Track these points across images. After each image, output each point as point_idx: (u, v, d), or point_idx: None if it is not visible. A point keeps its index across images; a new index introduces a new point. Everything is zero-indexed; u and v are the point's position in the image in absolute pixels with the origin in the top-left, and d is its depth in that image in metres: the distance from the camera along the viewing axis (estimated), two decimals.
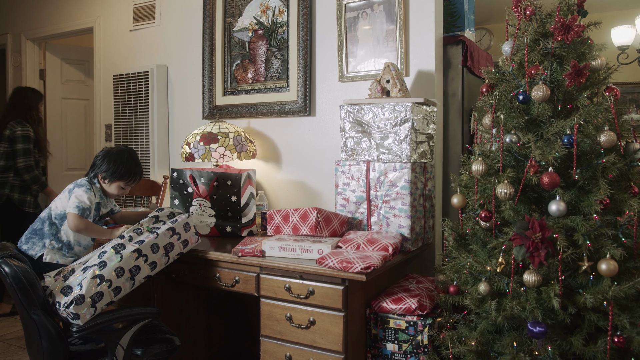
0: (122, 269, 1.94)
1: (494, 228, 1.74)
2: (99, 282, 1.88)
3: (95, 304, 1.86)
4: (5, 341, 3.36)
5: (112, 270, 1.91)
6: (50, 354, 1.88)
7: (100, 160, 2.25)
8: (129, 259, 1.96)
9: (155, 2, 3.55)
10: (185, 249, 2.18)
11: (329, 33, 2.82)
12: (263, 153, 3.07)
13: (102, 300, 1.88)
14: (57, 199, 2.22)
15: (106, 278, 1.89)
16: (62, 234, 2.14)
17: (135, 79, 3.53)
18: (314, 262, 1.97)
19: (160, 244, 2.07)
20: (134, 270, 1.97)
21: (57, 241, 2.12)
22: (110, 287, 1.90)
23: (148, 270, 2.03)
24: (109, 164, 2.22)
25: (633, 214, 1.58)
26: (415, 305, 1.95)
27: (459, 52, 2.66)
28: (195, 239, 2.21)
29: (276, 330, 2.04)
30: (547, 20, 1.74)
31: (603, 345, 1.55)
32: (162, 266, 2.09)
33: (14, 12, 4.61)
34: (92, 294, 1.85)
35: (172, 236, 2.11)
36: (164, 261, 2.09)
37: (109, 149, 2.29)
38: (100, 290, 1.87)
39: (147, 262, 2.02)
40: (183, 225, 2.17)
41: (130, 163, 2.26)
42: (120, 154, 2.26)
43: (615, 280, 1.53)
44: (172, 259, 2.13)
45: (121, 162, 2.24)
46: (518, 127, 1.75)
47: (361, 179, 2.28)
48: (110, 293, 1.90)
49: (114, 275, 1.91)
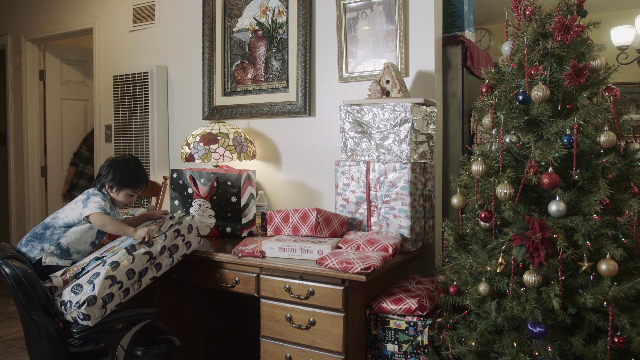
0: (133, 270, 1.96)
1: (493, 228, 1.74)
2: (111, 283, 1.89)
3: (106, 305, 1.88)
4: (5, 342, 3.36)
5: (124, 271, 1.93)
6: (50, 355, 1.89)
7: (106, 170, 2.27)
8: (140, 261, 1.98)
9: (155, 3, 3.55)
10: (189, 250, 2.20)
11: (328, 33, 2.82)
12: (263, 154, 3.07)
13: (112, 302, 1.90)
14: (67, 209, 2.21)
15: (118, 279, 1.91)
16: (63, 241, 2.15)
17: (135, 79, 3.53)
18: (314, 263, 1.97)
19: (167, 246, 2.09)
20: (143, 272, 2.00)
21: (57, 247, 2.13)
22: (121, 289, 1.92)
23: (154, 271, 2.05)
24: (115, 173, 2.25)
25: (633, 214, 1.58)
26: (416, 306, 1.95)
27: (458, 53, 2.66)
28: (197, 240, 2.22)
29: (276, 331, 2.04)
30: (546, 20, 1.74)
31: (603, 345, 1.55)
32: (167, 268, 2.11)
33: (14, 12, 4.61)
34: (104, 295, 1.87)
35: (177, 237, 2.14)
36: (169, 262, 2.11)
37: (114, 158, 2.32)
38: (112, 292, 1.89)
39: (154, 263, 2.04)
40: (187, 227, 2.18)
41: (136, 170, 2.29)
42: (125, 162, 2.29)
43: (615, 281, 1.53)
44: (176, 260, 2.14)
45: (128, 170, 2.26)
46: (518, 127, 1.75)
47: (361, 179, 2.28)
48: (120, 295, 1.92)
49: (125, 277, 1.93)
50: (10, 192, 4.71)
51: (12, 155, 4.68)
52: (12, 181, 4.68)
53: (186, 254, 2.19)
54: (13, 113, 4.65)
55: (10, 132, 4.69)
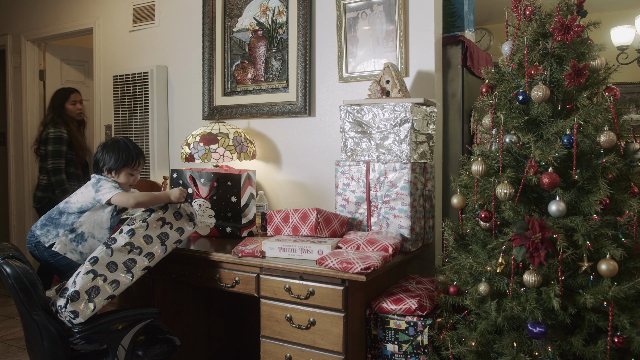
0: (114, 263, 1.94)
1: (493, 228, 1.74)
2: (92, 277, 1.88)
3: (93, 299, 1.85)
4: (6, 342, 3.36)
5: (104, 264, 1.92)
6: (51, 355, 1.89)
7: (100, 155, 2.27)
8: (119, 254, 1.97)
9: (155, 3, 3.55)
10: (183, 236, 2.17)
11: (328, 33, 2.82)
12: (263, 153, 3.07)
13: (99, 295, 1.87)
14: (78, 193, 2.23)
15: (99, 273, 1.90)
16: (77, 226, 2.16)
17: (135, 79, 3.53)
18: (314, 263, 1.97)
19: (153, 235, 2.07)
20: (128, 263, 1.98)
21: (71, 232, 2.14)
22: (107, 282, 1.90)
23: (146, 261, 2.03)
24: (109, 155, 2.25)
25: (633, 214, 1.58)
26: (416, 306, 1.95)
27: (458, 53, 2.66)
28: (190, 226, 2.20)
29: (276, 331, 2.04)
30: (546, 20, 1.74)
31: (603, 345, 1.55)
32: (162, 256, 2.09)
33: (14, 12, 4.61)
34: (87, 288, 1.86)
35: (164, 226, 2.11)
36: (161, 251, 2.09)
37: (104, 143, 2.33)
38: (95, 285, 1.87)
39: (141, 254, 2.02)
40: (173, 214, 2.16)
41: (128, 148, 2.28)
42: (115, 143, 2.29)
43: (615, 281, 1.53)
44: (170, 247, 2.12)
45: (119, 150, 2.26)
46: (518, 127, 1.75)
47: (361, 179, 2.28)
48: (108, 287, 1.90)
49: (106, 270, 1.91)
50: (10, 192, 4.71)
51: (12, 155, 4.68)
52: (12, 181, 4.68)
53: (181, 240, 2.17)
54: (13, 113, 4.65)
55: (10, 132, 4.69)
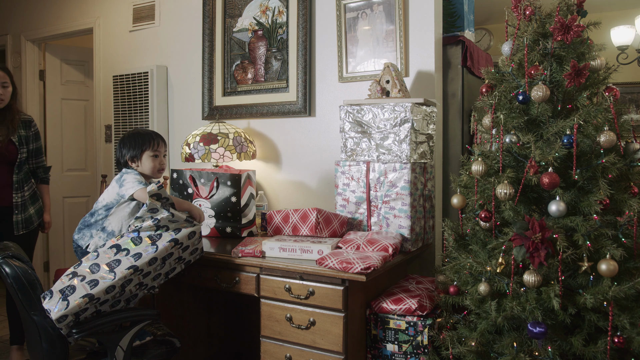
0: (97, 264, 1.91)
1: (493, 228, 1.74)
2: (70, 277, 1.87)
3: (67, 297, 1.80)
4: (5, 342, 3.36)
5: (87, 267, 1.91)
6: (50, 355, 1.88)
7: (119, 149, 2.31)
8: (104, 255, 1.94)
9: (155, 3, 3.55)
10: (179, 235, 2.01)
11: (328, 33, 2.82)
12: (263, 153, 3.07)
13: (74, 294, 1.81)
14: (105, 191, 2.24)
15: (79, 274, 1.88)
16: (107, 224, 2.17)
17: (135, 79, 3.53)
18: (314, 263, 1.97)
19: (159, 257, 1.96)
20: (112, 263, 1.91)
21: (103, 231, 2.15)
22: (84, 281, 1.85)
23: (132, 261, 1.91)
24: (127, 145, 2.28)
25: (633, 214, 1.58)
26: (416, 306, 1.95)
27: (458, 53, 2.66)
28: (201, 246, 2.13)
29: (276, 331, 2.04)
30: (546, 20, 1.74)
31: (603, 345, 1.55)
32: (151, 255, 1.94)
33: (14, 12, 4.61)
34: (62, 287, 1.83)
35: (175, 247, 2.00)
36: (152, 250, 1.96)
37: (121, 138, 2.36)
38: (72, 284, 1.84)
39: (128, 255, 1.92)
40: (187, 235, 2.03)
41: (141, 132, 2.32)
42: (129, 133, 2.35)
43: (615, 281, 1.53)
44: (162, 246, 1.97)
45: (135, 136, 2.30)
46: (518, 127, 1.75)
47: (361, 179, 2.28)
48: (85, 286, 1.84)
49: (87, 272, 1.89)
50: None
51: None
52: None
53: (177, 239, 2.00)
54: None
55: None
